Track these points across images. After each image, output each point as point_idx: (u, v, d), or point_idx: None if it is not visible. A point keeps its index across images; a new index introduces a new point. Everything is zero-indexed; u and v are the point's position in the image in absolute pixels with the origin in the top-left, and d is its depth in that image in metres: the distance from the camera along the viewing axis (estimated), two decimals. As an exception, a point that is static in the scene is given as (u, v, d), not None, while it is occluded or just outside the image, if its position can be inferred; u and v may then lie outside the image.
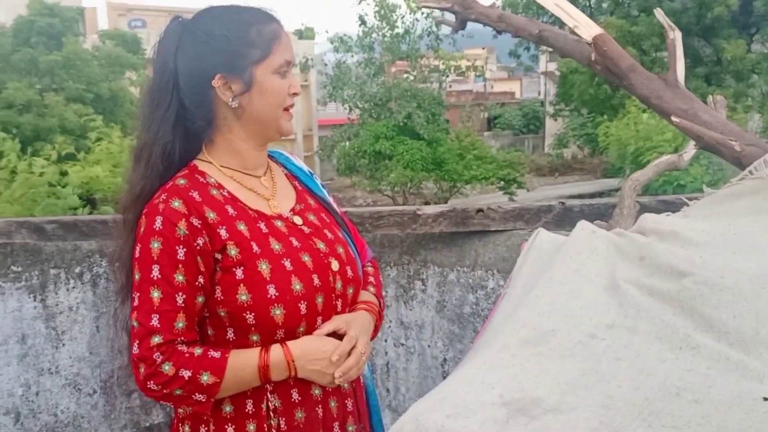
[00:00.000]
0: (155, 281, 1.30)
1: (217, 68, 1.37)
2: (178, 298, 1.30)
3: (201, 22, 1.40)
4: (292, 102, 1.44)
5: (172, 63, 1.39)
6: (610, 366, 1.15)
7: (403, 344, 2.43)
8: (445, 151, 19.12)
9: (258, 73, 1.37)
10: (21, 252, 2.47)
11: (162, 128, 1.40)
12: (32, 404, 2.50)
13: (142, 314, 1.30)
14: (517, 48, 22.67)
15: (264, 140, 1.47)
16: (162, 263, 1.30)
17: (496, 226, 2.20)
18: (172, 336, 1.30)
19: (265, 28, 1.39)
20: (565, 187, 26.49)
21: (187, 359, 1.29)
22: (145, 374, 1.29)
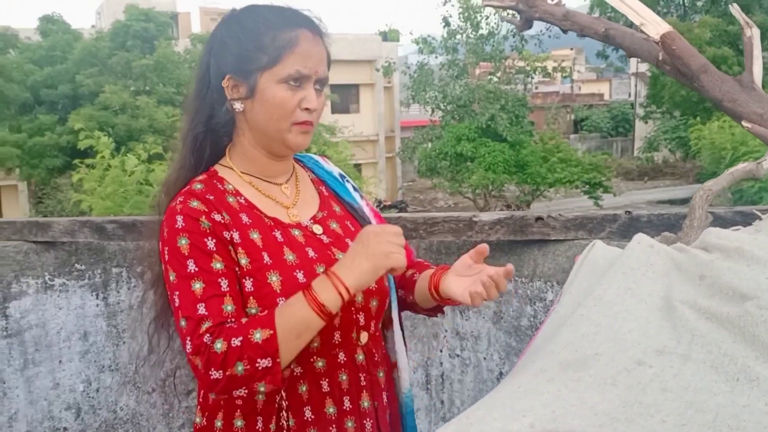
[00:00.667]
0: (193, 274, 1.22)
1: (227, 69, 1.33)
2: (221, 282, 1.23)
3: (228, 19, 1.36)
4: (305, 118, 1.32)
5: (207, 58, 1.37)
6: (656, 398, 1.03)
7: (458, 355, 2.35)
8: (528, 154, 18.80)
9: (262, 81, 1.30)
10: (85, 251, 2.53)
11: (196, 119, 1.38)
12: (93, 400, 2.55)
13: (187, 308, 1.21)
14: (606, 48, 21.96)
15: (272, 152, 1.38)
16: (195, 256, 1.23)
17: (556, 235, 2.08)
18: (222, 318, 1.20)
19: (282, 34, 1.30)
20: (655, 192, 25.60)
21: (235, 329, 1.18)
22: (203, 364, 1.17)
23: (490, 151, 18.38)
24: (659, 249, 1.35)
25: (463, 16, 20.27)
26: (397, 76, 24.62)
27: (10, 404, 2.38)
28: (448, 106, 20.29)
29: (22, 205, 22.22)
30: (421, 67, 20.44)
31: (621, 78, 44.75)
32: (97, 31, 20.86)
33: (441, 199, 24.18)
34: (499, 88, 20.00)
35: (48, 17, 19.65)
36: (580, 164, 18.82)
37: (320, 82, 1.35)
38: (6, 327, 2.37)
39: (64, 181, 17.33)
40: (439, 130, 20.23)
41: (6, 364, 2.37)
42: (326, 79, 1.36)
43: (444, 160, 19.07)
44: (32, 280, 2.43)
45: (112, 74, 17.79)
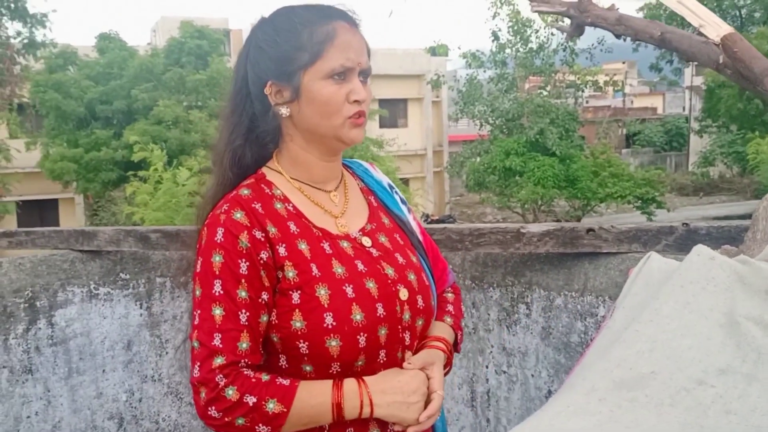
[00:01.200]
0: (217, 297, 1.21)
1: (268, 75, 1.29)
2: (241, 316, 1.20)
3: (260, 26, 1.33)
4: (356, 110, 1.29)
5: (243, 69, 1.34)
6: (718, 420, 0.95)
7: (505, 372, 2.26)
8: (579, 168, 18.51)
9: (306, 80, 1.26)
10: (130, 260, 2.54)
11: (234, 134, 1.34)
12: (135, 410, 2.54)
13: (203, 333, 1.20)
14: (659, 61, 21.55)
15: (327, 151, 1.35)
16: (224, 278, 1.21)
17: (608, 248, 1.99)
18: (236, 357, 1.19)
19: (319, 28, 1.26)
20: (710, 207, 24.93)
21: (253, 384, 1.18)
22: (206, 399, 1.17)
23: (539, 166, 18.14)
24: (721, 261, 1.26)
25: (513, 29, 20.13)
26: (445, 90, 24.58)
27: (54, 413, 2.39)
28: (497, 120, 20.13)
29: (78, 217, 22.85)
30: (470, 81, 20.35)
31: (674, 92, 43.86)
32: (153, 48, 21.39)
33: (489, 213, 23.97)
34: (549, 102, 19.77)
35: (105, 35, 20.23)
36: (633, 179, 18.44)
37: (364, 73, 1.31)
38: (52, 335, 2.38)
39: (119, 194, 17.76)
40: (488, 144, 20.07)
41: (51, 372, 2.38)
42: (369, 70, 1.32)
43: (492, 174, 18.90)
44: (78, 289, 2.44)
45: (166, 90, 18.19)
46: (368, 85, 1.33)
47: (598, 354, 1.20)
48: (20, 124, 19.14)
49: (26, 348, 2.33)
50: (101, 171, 18.20)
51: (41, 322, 2.36)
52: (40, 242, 2.50)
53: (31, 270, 2.37)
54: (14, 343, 2.31)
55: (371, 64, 1.34)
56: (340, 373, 1.24)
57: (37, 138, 19.72)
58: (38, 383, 2.36)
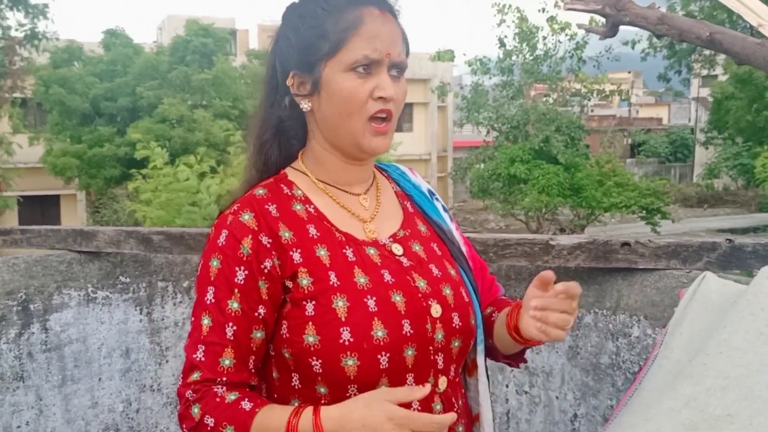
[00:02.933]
0: (208, 306, 1.11)
1: (291, 65, 1.17)
2: (228, 329, 1.09)
3: (287, 13, 1.21)
4: (378, 108, 1.14)
5: (272, 59, 1.22)
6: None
7: (526, 392, 2.13)
8: (584, 177, 18.39)
9: (326, 71, 1.13)
10: (130, 262, 2.40)
11: (263, 128, 1.23)
12: (132, 421, 2.40)
13: (190, 344, 1.12)
14: (668, 71, 21.43)
15: (348, 156, 1.21)
16: (217, 286, 1.11)
17: (644, 264, 1.86)
18: (213, 374, 1.09)
19: (345, 15, 1.13)
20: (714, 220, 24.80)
21: (216, 405, 1.07)
22: (179, 413, 1.11)
23: (544, 174, 18.01)
24: (795, 286, 1.12)
25: (519, 36, 20.02)
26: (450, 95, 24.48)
27: (47, 423, 2.25)
28: (502, 126, 20.01)
29: (80, 214, 22.74)
30: (475, 88, 20.24)
31: (680, 102, 43.75)
32: (158, 46, 21.30)
33: (492, 220, 23.82)
34: (555, 110, 19.66)
35: (111, 31, 20.13)
36: (637, 189, 18.31)
37: (397, 67, 1.16)
38: (46, 340, 2.24)
39: (121, 191, 17.65)
40: (493, 150, 19.94)
41: (44, 380, 2.24)
42: (404, 64, 1.17)
43: (497, 181, 18.76)
44: (74, 292, 2.30)
45: (171, 88, 18.10)
46: (403, 82, 1.19)
47: (660, 388, 1.06)
48: (22, 118, 19.02)
49: (18, 354, 2.19)
50: (104, 167, 18.11)
51: (35, 327, 2.23)
52: (36, 241, 2.36)
53: (25, 271, 2.23)
54: (5, 349, 2.17)
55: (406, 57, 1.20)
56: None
57: (40, 133, 19.62)
58: (30, 391, 2.22)
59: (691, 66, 20.95)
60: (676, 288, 1.75)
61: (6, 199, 17.68)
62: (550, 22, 19.19)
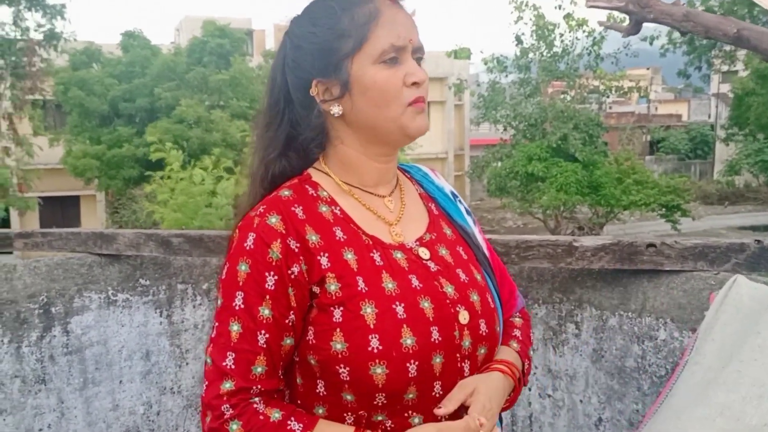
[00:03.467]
0: (237, 312, 1.08)
1: (312, 73, 1.15)
2: (260, 336, 1.07)
3: (295, 23, 1.19)
4: (416, 95, 1.13)
5: (280, 76, 1.20)
6: None
7: (549, 395, 2.10)
8: (602, 175, 18.24)
9: (355, 68, 1.11)
10: (150, 265, 2.40)
11: (269, 149, 1.20)
12: (152, 424, 2.41)
13: (217, 350, 1.08)
14: (687, 67, 21.20)
15: (388, 148, 1.19)
16: (247, 291, 1.07)
17: (671, 265, 1.82)
18: (247, 383, 1.06)
19: (359, 9, 1.11)
20: (735, 217, 24.51)
21: (260, 423, 1.04)
22: (209, 426, 1.06)
23: (562, 171, 17.87)
24: (831, 290, 1.09)
25: (536, 34, 19.89)
26: (467, 93, 24.37)
27: (68, 425, 2.26)
28: (520, 124, 19.89)
29: (99, 215, 22.92)
30: (492, 86, 20.13)
31: (700, 99, 43.26)
32: (176, 47, 21.41)
33: (510, 219, 23.70)
34: (572, 107, 19.50)
35: (129, 33, 20.27)
36: (657, 186, 18.11)
37: (419, 52, 1.15)
38: (67, 343, 2.25)
39: (140, 192, 17.77)
40: (510, 148, 19.82)
41: (65, 382, 2.25)
42: (423, 48, 1.16)
43: (514, 179, 18.65)
44: (95, 295, 2.31)
45: (189, 89, 18.19)
46: (423, 66, 1.17)
47: (692, 396, 1.03)
48: (42, 120, 19.21)
49: (40, 356, 2.20)
50: (123, 168, 18.24)
51: (56, 330, 2.23)
52: (57, 244, 2.37)
53: (46, 274, 2.24)
54: (27, 351, 2.18)
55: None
56: (386, 406, 1.08)
57: (60, 135, 19.79)
58: (52, 394, 2.23)
59: (711, 62, 20.70)
60: (704, 290, 1.71)
61: (27, 201, 17.85)
62: (567, 19, 19.06)
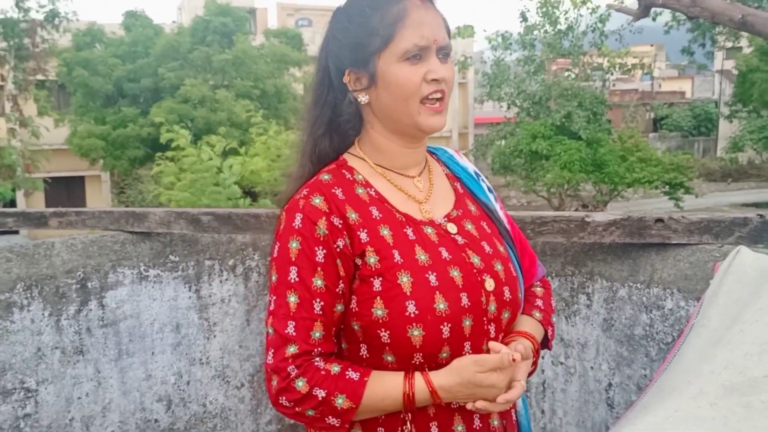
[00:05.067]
0: (292, 285, 1.19)
1: (345, 64, 1.26)
2: (315, 305, 1.19)
3: (335, 15, 1.30)
4: (432, 90, 1.23)
5: (324, 60, 1.32)
6: None
7: (562, 363, 2.22)
8: (606, 153, 18.26)
9: (381, 64, 1.22)
10: (179, 242, 2.51)
11: (316, 125, 1.32)
12: (183, 393, 2.53)
13: (278, 320, 1.20)
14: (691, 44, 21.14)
15: (407, 138, 1.30)
16: (300, 265, 1.19)
17: (677, 239, 1.93)
18: (309, 347, 1.18)
19: (389, 9, 1.22)
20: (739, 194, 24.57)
21: (323, 377, 1.17)
22: (277, 388, 1.18)
23: (566, 150, 17.92)
24: (827, 259, 1.20)
25: (541, 11, 19.83)
26: (471, 71, 24.33)
27: (104, 394, 2.38)
28: (524, 102, 19.89)
29: (104, 195, 23.06)
30: (497, 63, 20.10)
31: (704, 75, 43.10)
32: (179, 27, 21.39)
33: (514, 197, 23.80)
34: (577, 85, 19.48)
35: (132, 13, 20.26)
36: (661, 164, 18.15)
37: (443, 51, 1.25)
38: (102, 317, 2.36)
39: (145, 172, 17.87)
40: (514, 126, 19.85)
41: (102, 353, 2.37)
42: (449, 47, 1.27)
43: (518, 157, 18.70)
44: (128, 271, 2.42)
45: (193, 68, 18.21)
46: (450, 64, 1.28)
47: (699, 355, 1.15)
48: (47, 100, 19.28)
49: (78, 329, 2.32)
50: (128, 148, 18.33)
51: (92, 304, 2.35)
52: (90, 222, 2.47)
53: (82, 251, 2.35)
54: (66, 324, 2.30)
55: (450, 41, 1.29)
56: (423, 365, 1.20)
57: (65, 115, 19.86)
58: (89, 364, 2.35)
59: (715, 39, 20.65)
60: (709, 262, 1.82)
61: (34, 181, 17.98)
62: (572, -5, 18.98)
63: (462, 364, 1.17)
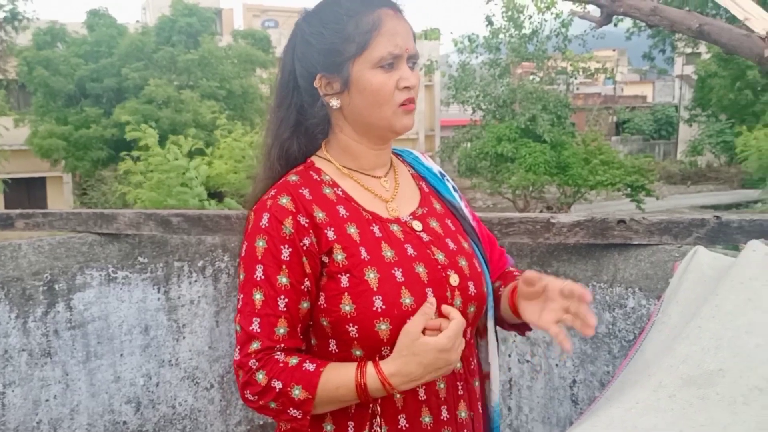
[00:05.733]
0: (258, 282, 1.22)
1: (317, 68, 1.29)
2: (280, 301, 1.21)
3: (306, 19, 1.32)
4: (406, 96, 1.28)
5: (290, 63, 1.34)
6: (798, 420, 0.95)
7: (528, 361, 2.27)
8: (570, 155, 18.52)
9: (355, 70, 1.26)
10: (148, 244, 2.51)
11: (282, 127, 1.35)
12: (152, 395, 2.53)
13: (244, 317, 1.23)
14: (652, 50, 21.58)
15: (378, 140, 1.34)
16: (266, 263, 1.22)
17: (639, 240, 1.99)
18: (272, 342, 1.21)
19: (364, 18, 1.25)
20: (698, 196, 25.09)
21: (280, 369, 1.19)
22: (242, 382, 1.21)
23: (531, 152, 18.13)
24: (778, 258, 1.26)
25: (506, 15, 20.05)
26: (437, 74, 24.48)
27: (73, 396, 2.37)
28: (489, 105, 20.08)
29: (66, 196, 22.66)
30: (462, 66, 20.26)
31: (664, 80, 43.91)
32: (143, 26, 21.13)
33: (480, 199, 23.99)
34: (541, 89, 19.73)
35: (95, 12, 19.95)
36: (623, 167, 18.46)
37: (412, 59, 1.30)
38: (70, 318, 2.35)
39: (108, 173, 17.62)
40: (480, 129, 20.01)
41: (70, 356, 2.36)
42: (417, 55, 1.31)
43: (484, 160, 18.86)
44: (96, 272, 2.41)
45: (158, 69, 18.01)
46: (417, 71, 1.32)
47: (659, 349, 1.20)
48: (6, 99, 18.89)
49: (45, 331, 2.31)
50: (91, 149, 18.04)
51: (60, 305, 2.34)
52: (58, 224, 2.46)
53: (50, 252, 2.34)
54: (33, 326, 2.28)
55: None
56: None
57: (25, 115, 19.48)
58: (57, 367, 2.34)
59: (675, 45, 21.10)
60: (669, 262, 1.89)
61: (-7, 182, 17.59)
62: (536, 1, 19.21)
63: (399, 344, 1.18)
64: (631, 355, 1.33)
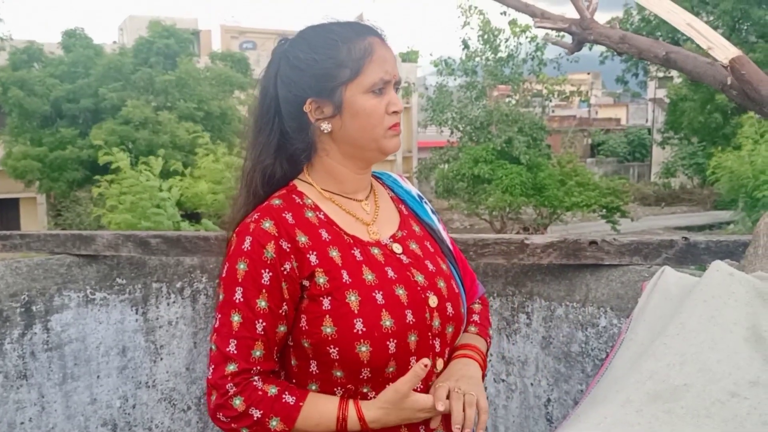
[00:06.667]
0: (237, 304, 1.25)
1: (307, 93, 1.32)
2: (258, 325, 1.24)
3: (293, 45, 1.36)
4: (394, 121, 1.34)
5: (272, 89, 1.37)
6: (757, 430, 1.00)
7: (504, 380, 2.30)
8: (546, 177, 18.74)
9: (348, 95, 1.30)
10: (126, 265, 2.52)
11: (263, 153, 1.37)
12: (129, 417, 2.52)
13: (220, 338, 1.25)
14: (625, 74, 21.96)
15: (365, 163, 1.39)
16: (246, 286, 1.25)
17: (610, 260, 2.05)
18: (248, 365, 1.24)
19: (355, 45, 1.30)
20: (672, 217, 25.46)
21: (259, 398, 1.22)
22: (215, 403, 1.23)
23: (507, 174, 18.32)
24: (740, 277, 1.31)
25: (482, 38, 20.33)
26: (415, 96, 24.68)
27: (48, 419, 2.36)
28: (466, 127, 20.29)
29: (40, 218, 22.38)
30: (440, 89, 20.48)
31: (638, 103, 44.73)
32: (120, 47, 21.09)
33: (457, 220, 24.12)
34: (517, 111, 19.99)
35: (71, 32, 19.87)
36: (598, 188, 18.71)
37: (397, 84, 1.36)
38: (47, 340, 2.35)
39: (84, 194, 17.46)
40: (457, 151, 20.20)
41: (46, 377, 2.35)
42: (401, 81, 1.39)
43: (461, 181, 19.02)
44: (74, 294, 2.41)
45: (135, 89, 17.95)
46: (399, 94, 1.38)
47: (627, 366, 1.24)
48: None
49: (21, 353, 2.30)
50: (66, 170, 17.86)
51: (37, 327, 2.33)
52: (35, 246, 2.46)
53: (27, 273, 2.34)
54: (9, 348, 2.27)
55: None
56: (371, 379, 1.27)
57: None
58: (33, 389, 2.32)
59: (647, 68, 21.48)
60: (639, 281, 1.94)
61: (-36, 203, 17.36)
62: (512, 25, 19.52)
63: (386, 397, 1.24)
64: (602, 373, 1.37)
